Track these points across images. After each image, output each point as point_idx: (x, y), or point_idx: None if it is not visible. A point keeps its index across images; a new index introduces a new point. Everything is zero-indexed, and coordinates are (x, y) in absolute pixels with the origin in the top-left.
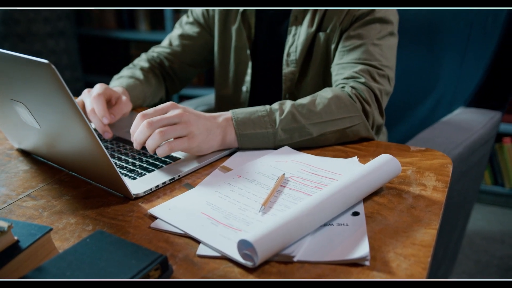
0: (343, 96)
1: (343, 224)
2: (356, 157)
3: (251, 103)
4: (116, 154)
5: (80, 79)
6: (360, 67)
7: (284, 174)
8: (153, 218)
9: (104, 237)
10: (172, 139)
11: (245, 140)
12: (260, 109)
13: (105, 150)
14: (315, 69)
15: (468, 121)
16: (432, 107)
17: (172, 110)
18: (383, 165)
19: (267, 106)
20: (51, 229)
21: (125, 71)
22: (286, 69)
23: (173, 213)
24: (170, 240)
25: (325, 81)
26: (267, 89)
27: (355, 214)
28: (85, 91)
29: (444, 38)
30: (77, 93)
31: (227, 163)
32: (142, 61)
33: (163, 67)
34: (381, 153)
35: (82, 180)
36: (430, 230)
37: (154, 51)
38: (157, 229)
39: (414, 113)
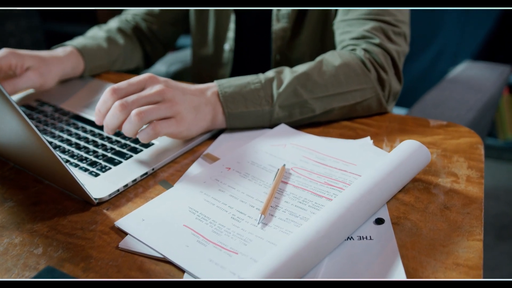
0: (354, 64)
1: (366, 238)
2: (369, 137)
3: (235, 65)
4: (73, 140)
5: (39, 27)
6: (371, 24)
7: (284, 165)
8: (122, 232)
9: (55, 279)
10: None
11: (235, 120)
12: (252, 80)
13: (51, 148)
14: (311, 26)
15: (478, 79)
16: (433, 58)
17: (151, 85)
18: (411, 156)
19: (261, 76)
20: None
21: (88, 32)
22: (276, 25)
23: (147, 227)
24: (145, 268)
25: (323, 40)
26: (254, 48)
27: (379, 221)
28: None
29: None
30: (37, 46)
31: (212, 149)
32: (111, 22)
33: (139, 29)
34: (395, 130)
35: (31, 177)
36: (474, 242)
37: (129, 13)
38: (128, 251)
39: (412, 64)
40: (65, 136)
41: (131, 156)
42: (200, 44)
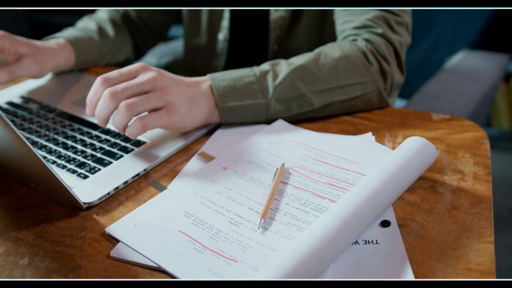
0: (354, 56)
1: (372, 242)
2: (370, 133)
3: (230, 56)
4: (60, 139)
5: (24, 18)
6: (373, 13)
7: (283, 164)
8: (113, 239)
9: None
10: (146, 113)
11: (230, 114)
12: (246, 73)
13: (34, 150)
14: (310, 15)
15: (476, 69)
16: (430, 47)
17: (142, 73)
18: (417, 154)
19: (255, 69)
20: None
21: (79, 23)
22: (275, 14)
23: (140, 233)
24: (139, 278)
25: (322, 30)
26: (250, 38)
27: (385, 224)
28: None
29: None
30: (24, 36)
31: (207, 147)
32: (100, 12)
33: (129, 18)
34: (397, 124)
35: (15, 180)
36: (485, 244)
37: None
38: (120, 260)
39: (409, 53)
40: (51, 135)
41: (121, 156)
42: (192, 34)
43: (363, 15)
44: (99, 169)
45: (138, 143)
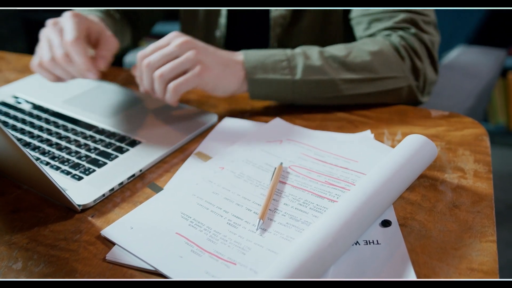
0: (388, 50)
1: (373, 242)
2: (369, 131)
3: None
4: (53, 140)
5: (15, 16)
6: (401, 15)
7: (281, 163)
8: (109, 242)
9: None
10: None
11: (257, 87)
12: (278, 52)
13: (26, 152)
14: (312, 13)
15: (474, 65)
16: None
17: (174, 40)
18: (417, 153)
19: (288, 50)
20: None
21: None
22: (275, 12)
23: (137, 236)
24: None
25: (324, 30)
26: (249, 36)
27: (386, 224)
28: (50, 23)
29: None
30: (15, 34)
31: (204, 147)
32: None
33: (119, 11)
34: (396, 121)
35: (8, 182)
36: (488, 244)
37: None
38: (116, 263)
39: None
40: (44, 135)
41: (116, 156)
42: (188, 30)
43: (391, 19)
44: (94, 170)
45: (133, 144)
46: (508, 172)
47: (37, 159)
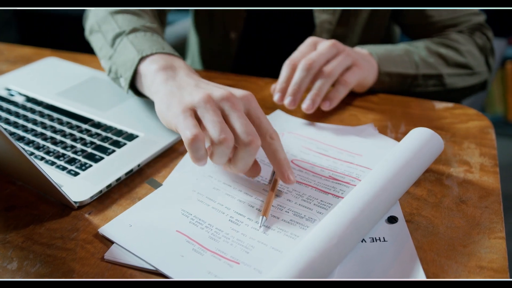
0: (474, 45)
1: (379, 239)
2: (372, 123)
3: (240, 55)
4: (48, 134)
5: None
6: (474, 20)
7: None
8: (107, 240)
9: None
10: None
11: (387, 78)
12: (395, 47)
13: (19, 147)
14: (356, 18)
15: None
16: None
17: (319, 44)
18: (424, 147)
19: (400, 45)
20: None
21: (118, 19)
22: (320, 17)
23: (136, 234)
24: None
25: (366, 33)
26: (265, 38)
27: (392, 220)
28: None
29: None
30: (8, 25)
31: None
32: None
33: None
34: (399, 113)
35: (2, 178)
36: (496, 240)
37: None
38: (115, 262)
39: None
40: (39, 129)
41: (113, 151)
42: (203, 30)
43: (461, 25)
44: (90, 165)
45: (131, 138)
46: (506, 162)
47: (31, 154)
